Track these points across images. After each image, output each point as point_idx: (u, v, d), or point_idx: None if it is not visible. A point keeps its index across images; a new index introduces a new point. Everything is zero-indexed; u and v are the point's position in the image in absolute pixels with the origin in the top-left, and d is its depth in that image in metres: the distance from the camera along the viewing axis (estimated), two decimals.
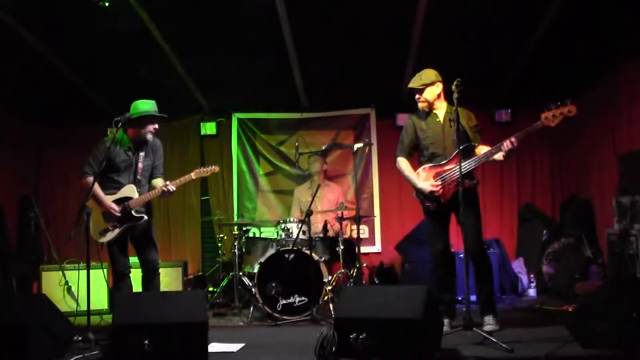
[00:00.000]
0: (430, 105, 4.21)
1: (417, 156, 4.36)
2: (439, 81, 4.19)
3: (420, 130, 4.25)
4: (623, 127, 5.46)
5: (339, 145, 6.82)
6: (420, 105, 4.25)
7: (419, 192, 4.17)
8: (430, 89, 4.18)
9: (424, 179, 4.14)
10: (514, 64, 5.87)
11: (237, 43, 5.53)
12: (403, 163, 4.33)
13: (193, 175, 4.35)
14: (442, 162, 4.07)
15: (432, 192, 4.07)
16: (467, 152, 4.02)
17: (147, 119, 4.29)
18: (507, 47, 5.57)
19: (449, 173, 4.01)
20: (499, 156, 3.94)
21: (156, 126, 4.35)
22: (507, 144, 3.84)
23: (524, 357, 3.25)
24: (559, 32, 5.16)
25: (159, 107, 4.40)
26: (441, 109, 4.23)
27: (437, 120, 4.20)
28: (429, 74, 4.19)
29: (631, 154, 5.29)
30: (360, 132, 6.90)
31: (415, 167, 4.31)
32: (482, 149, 4.04)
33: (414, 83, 4.21)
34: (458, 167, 3.93)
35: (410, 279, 5.78)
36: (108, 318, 4.82)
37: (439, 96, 4.21)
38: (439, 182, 4.05)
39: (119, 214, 4.21)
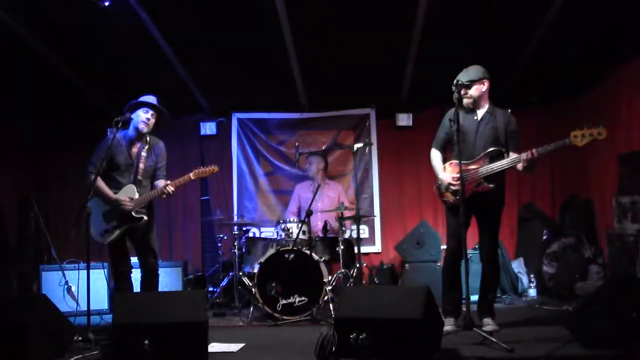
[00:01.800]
0: (475, 102, 4.13)
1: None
2: (486, 79, 4.11)
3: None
4: (623, 127, 5.46)
5: (339, 145, 6.83)
6: (465, 101, 4.12)
7: (440, 184, 4.17)
8: (476, 86, 4.08)
9: (449, 173, 4.14)
10: (514, 64, 5.87)
11: (237, 43, 5.53)
12: (434, 154, 4.30)
13: (192, 175, 4.33)
14: (469, 161, 4.01)
15: (450, 184, 4.06)
16: (495, 156, 4.00)
17: (141, 108, 4.30)
18: (507, 48, 5.58)
19: (472, 173, 3.98)
20: (520, 166, 3.91)
21: (149, 116, 4.29)
22: (527, 155, 3.82)
23: (524, 357, 3.25)
24: (559, 32, 5.17)
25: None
26: (482, 108, 4.14)
27: (475, 118, 4.13)
28: (476, 71, 4.09)
29: (631, 154, 5.29)
30: (360, 132, 6.90)
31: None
32: (512, 155, 4.00)
33: (466, 77, 4.08)
34: (481, 168, 3.94)
35: (410, 279, 5.77)
36: (108, 318, 4.82)
37: (483, 94, 4.12)
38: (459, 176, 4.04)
39: (131, 205, 4.18)
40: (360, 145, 5.39)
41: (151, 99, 4.37)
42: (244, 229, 5.77)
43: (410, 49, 5.57)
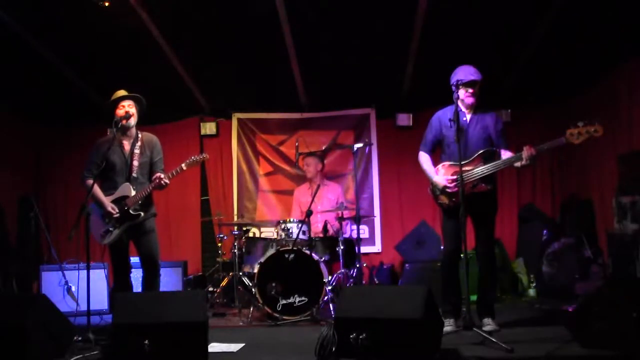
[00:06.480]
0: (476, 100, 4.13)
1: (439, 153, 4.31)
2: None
3: (445, 127, 4.16)
4: (623, 127, 5.46)
5: (339, 145, 6.83)
6: (470, 100, 4.10)
7: (434, 187, 4.16)
8: (478, 85, 4.10)
9: (442, 175, 4.13)
10: (514, 64, 5.87)
11: (237, 43, 5.53)
12: (424, 158, 4.28)
13: (184, 166, 4.31)
14: (462, 162, 3.98)
15: (445, 187, 4.06)
16: (489, 156, 4.00)
17: (117, 102, 4.34)
18: (507, 48, 5.58)
19: (467, 174, 3.97)
20: (519, 163, 3.91)
21: (127, 108, 4.29)
22: (527, 154, 3.81)
23: (524, 357, 3.24)
24: (559, 32, 5.17)
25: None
26: (471, 109, 4.16)
27: (464, 119, 4.13)
28: (476, 70, 4.07)
29: (631, 154, 5.29)
30: (360, 132, 6.90)
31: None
32: (504, 154, 4.01)
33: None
34: (476, 169, 3.93)
35: (410, 279, 5.77)
36: (108, 318, 4.82)
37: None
38: (455, 178, 4.04)
39: (118, 215, 4.21)
40: (360, 145, 5.38)
41: (119, 93, 4.41)
42: (244, 229, 5.77)
43: (410, 49, 5.57)
